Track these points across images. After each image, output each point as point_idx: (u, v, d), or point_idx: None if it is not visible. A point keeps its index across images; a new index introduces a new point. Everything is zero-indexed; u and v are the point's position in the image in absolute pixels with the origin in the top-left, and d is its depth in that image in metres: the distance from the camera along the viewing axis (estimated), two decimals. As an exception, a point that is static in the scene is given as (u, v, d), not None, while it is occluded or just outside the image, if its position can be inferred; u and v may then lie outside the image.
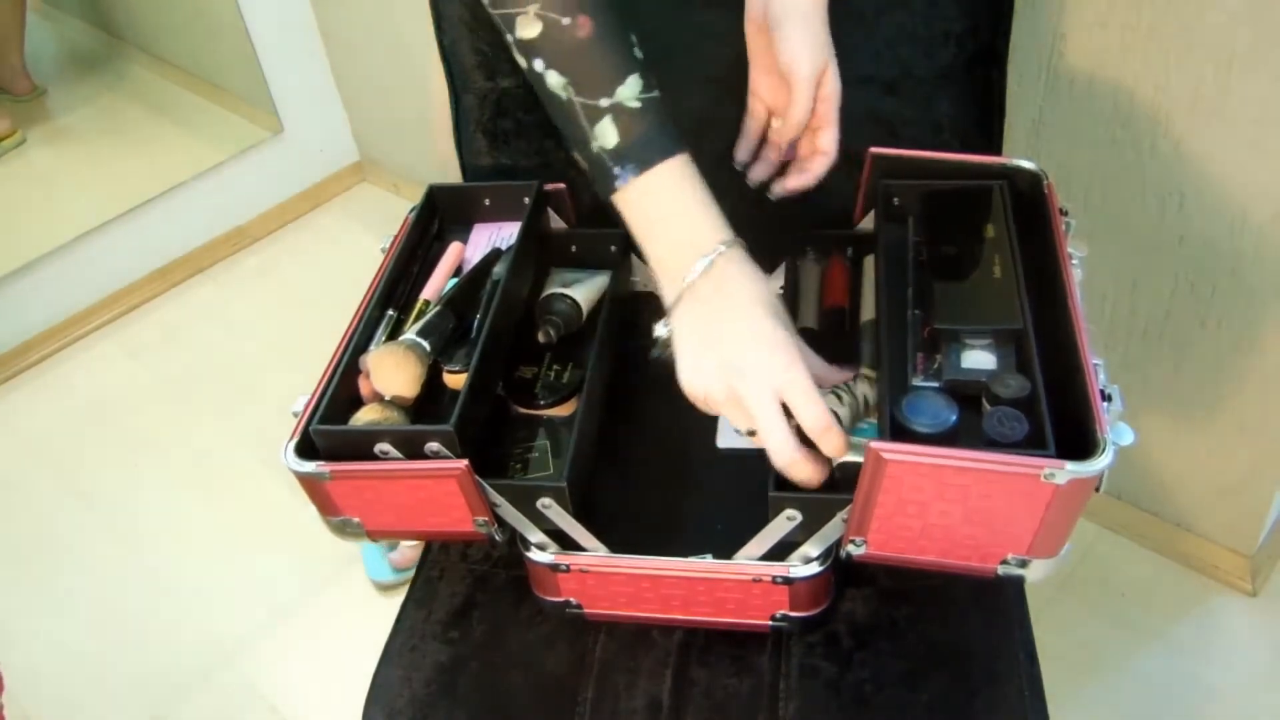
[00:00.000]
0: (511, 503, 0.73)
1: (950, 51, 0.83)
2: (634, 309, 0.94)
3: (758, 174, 0.84)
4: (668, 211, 0.67)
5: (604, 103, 0.66)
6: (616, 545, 0.74)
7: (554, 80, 0.66)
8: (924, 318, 0.73)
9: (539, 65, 0.66)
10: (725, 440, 0.85)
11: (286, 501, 1.61)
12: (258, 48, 2.10)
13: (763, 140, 0.84)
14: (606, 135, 0.66)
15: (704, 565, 0.73)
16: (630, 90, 0.66)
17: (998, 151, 0.89)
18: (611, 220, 0.93)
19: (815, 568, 0.72)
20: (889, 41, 0.83)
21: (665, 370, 0.68)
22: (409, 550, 1.50)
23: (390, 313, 0.82)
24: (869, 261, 0.87)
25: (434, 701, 0.79)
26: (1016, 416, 0.63)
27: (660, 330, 0.68)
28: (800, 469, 0.64)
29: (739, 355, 0.64)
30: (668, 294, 0.68)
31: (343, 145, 2.36)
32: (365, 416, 0.73)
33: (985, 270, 0.73)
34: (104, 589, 1.58)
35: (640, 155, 0.66)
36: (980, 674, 0.75)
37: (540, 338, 0.84)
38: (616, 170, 0.66)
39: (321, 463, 0.71)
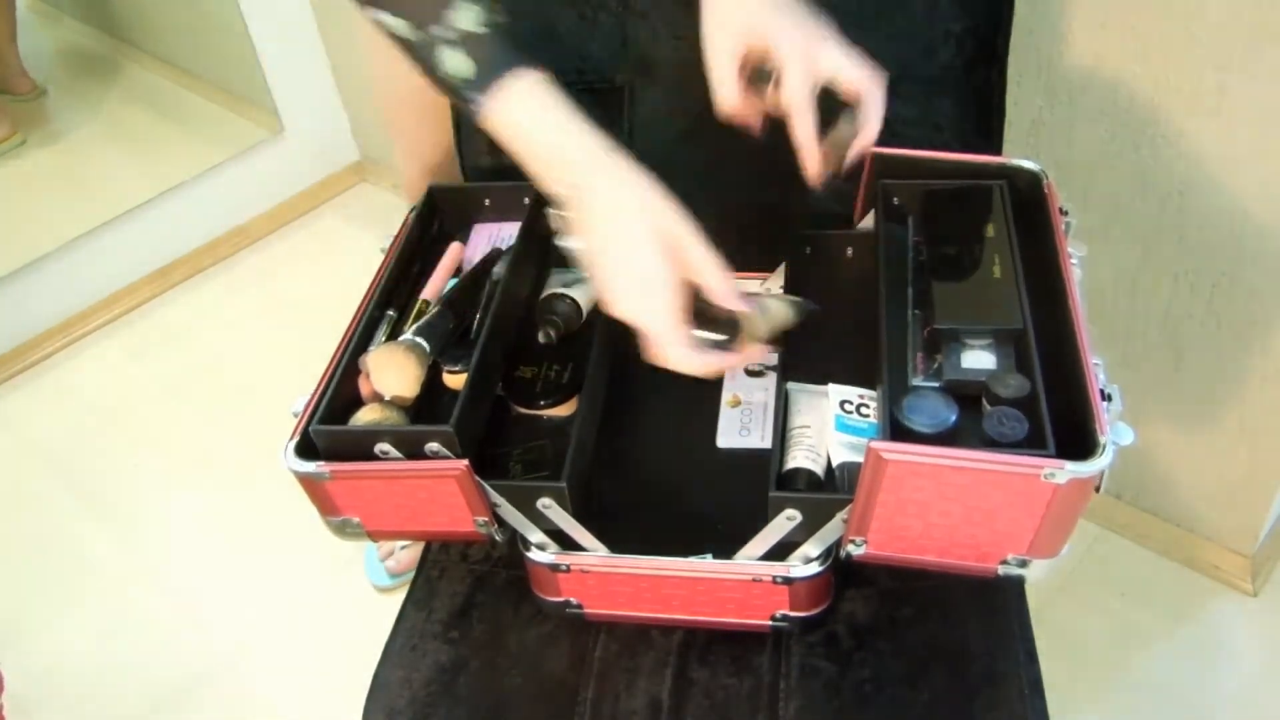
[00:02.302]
0: (511, 503, 0.73)
1: (950, 51, 0.83)
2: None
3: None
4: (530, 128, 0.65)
5: (437, 31, 0.64)
6: (616, 545, 0.74)
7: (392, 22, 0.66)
8: (924, 318, 0.73)
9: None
10: (725, 440, 0.85)
11: (286, 502, 1.61)
12: (258, 48, 2.09)
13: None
14: (450, 62, 0.64)
15: (704, 565, 0.73)
16: (469, 17, 0.64)
17: (997, 151, 0.89)
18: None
19: (815, 568, 0.72)
20: (888, 41, 0.83)
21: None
22: (405, 556, 1.50)
23: (390, 313, 0.82)
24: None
25: (434, 702, 0.79)
26: (1016, 416, 0.63)
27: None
28: None
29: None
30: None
31: (343, 145, 2.36)
32: (365, 416, 0.73)
33: (985, 270, 0.73)
34: (104, 589, 1.58)
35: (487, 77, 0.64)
36: (980, 674, 0.75)
37: (540, 338, 0.84)
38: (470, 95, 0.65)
39: (321, 463, 0.71)
